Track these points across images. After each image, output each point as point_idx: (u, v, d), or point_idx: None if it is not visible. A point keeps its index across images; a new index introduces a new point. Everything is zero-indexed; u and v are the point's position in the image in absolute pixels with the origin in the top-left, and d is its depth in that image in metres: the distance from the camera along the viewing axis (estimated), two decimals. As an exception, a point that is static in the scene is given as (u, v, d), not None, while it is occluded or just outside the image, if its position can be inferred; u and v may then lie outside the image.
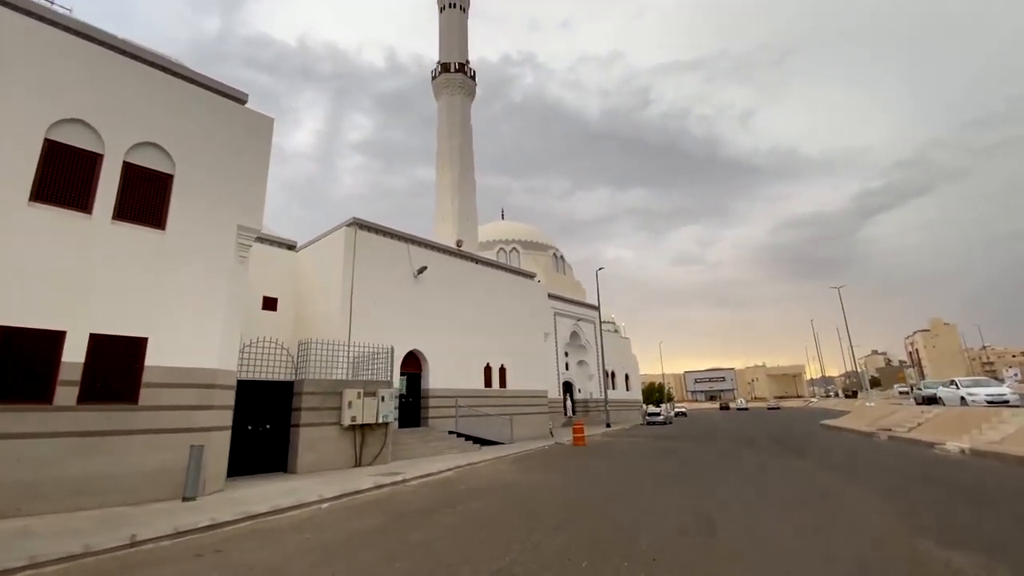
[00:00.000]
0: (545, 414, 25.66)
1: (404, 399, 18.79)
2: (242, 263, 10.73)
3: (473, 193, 37.07)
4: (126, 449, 8.55)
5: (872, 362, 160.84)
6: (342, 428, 13.27)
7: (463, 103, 37.68)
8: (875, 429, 20.38)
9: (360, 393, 13.64)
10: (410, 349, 19.13)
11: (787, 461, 13.39)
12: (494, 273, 24.46)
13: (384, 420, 14.04)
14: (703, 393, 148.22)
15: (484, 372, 22.29)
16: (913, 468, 11.46)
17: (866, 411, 28.08)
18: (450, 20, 39.75)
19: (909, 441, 16.56)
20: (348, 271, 17.50)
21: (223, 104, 11.04)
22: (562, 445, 20.30)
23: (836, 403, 69.03)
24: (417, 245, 20.57)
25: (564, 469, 13.06)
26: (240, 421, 11.88)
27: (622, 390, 52.72)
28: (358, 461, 13.43)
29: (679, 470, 12.25)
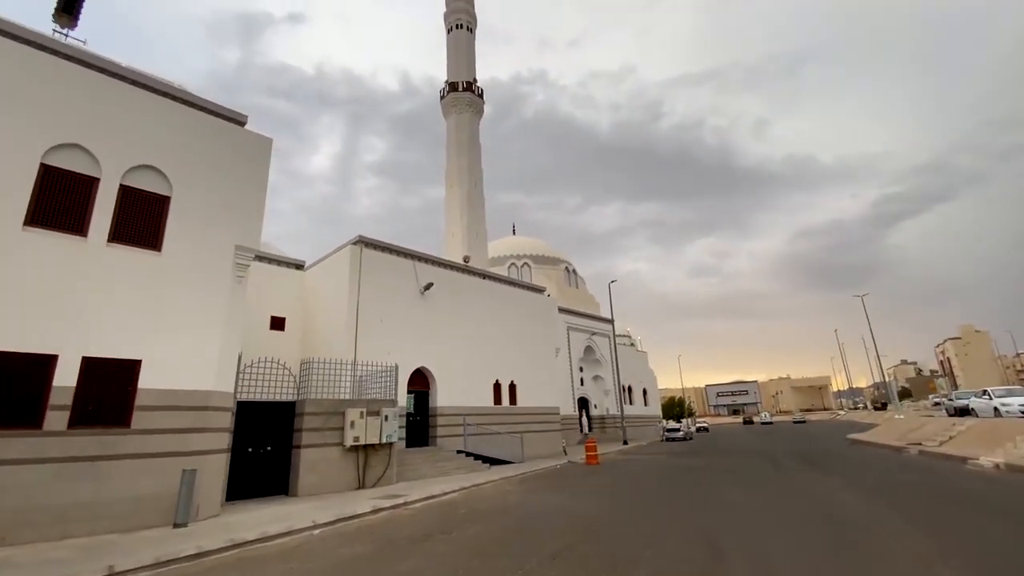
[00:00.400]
0: (558, 431, 25.08)
1: (411, 418, 18.51)
2: (240, 283, 10.67)
3: (482, 209, 37.09)
4: (117, 474, 8.41)
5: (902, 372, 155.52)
6: (344, 449, 13.01)
7: (471, 121, 37.96)
8: (904, 443, 19.35)
9: (363, 413, 13.40)
10: (417, 366, 18.90)
11: (809, 480, 12.67)
12: (502, 288, 24.21)
13: (388, 440, 13.76)
14: (726, 407, 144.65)
15: (493, 389, 21.90)
16: (944, 486, 10.70)
17: (895, 424, 26.83)
18: (457, 41, 40.33)
19: (940, 456, 15.61)
20: (353, 289, 17.43)
21: (222, 126, 11.12)
22: (574, 464, 19.71)
23: (865, 416, 66.55)
24: (423, 262, 20.47)
25: (572, 490, 12.56)
26: (241, 443, 11.74)
27: (640, 405, 51.63)
28: (361, 483, 13.12)
29: (692, 491, 11.66)
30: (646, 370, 56.97)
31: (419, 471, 15.42)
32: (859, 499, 9.40)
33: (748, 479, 13.39)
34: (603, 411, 43.26)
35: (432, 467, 16.00)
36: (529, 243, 48.01)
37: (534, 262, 45.17)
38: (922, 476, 12.31)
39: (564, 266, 46.84)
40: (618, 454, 25.49)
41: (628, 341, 59.57)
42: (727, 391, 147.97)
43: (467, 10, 41.59)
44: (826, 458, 18.32)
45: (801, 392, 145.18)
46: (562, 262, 47.11)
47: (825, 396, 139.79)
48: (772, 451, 23.02)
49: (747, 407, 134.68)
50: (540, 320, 25.90)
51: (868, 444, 23.08)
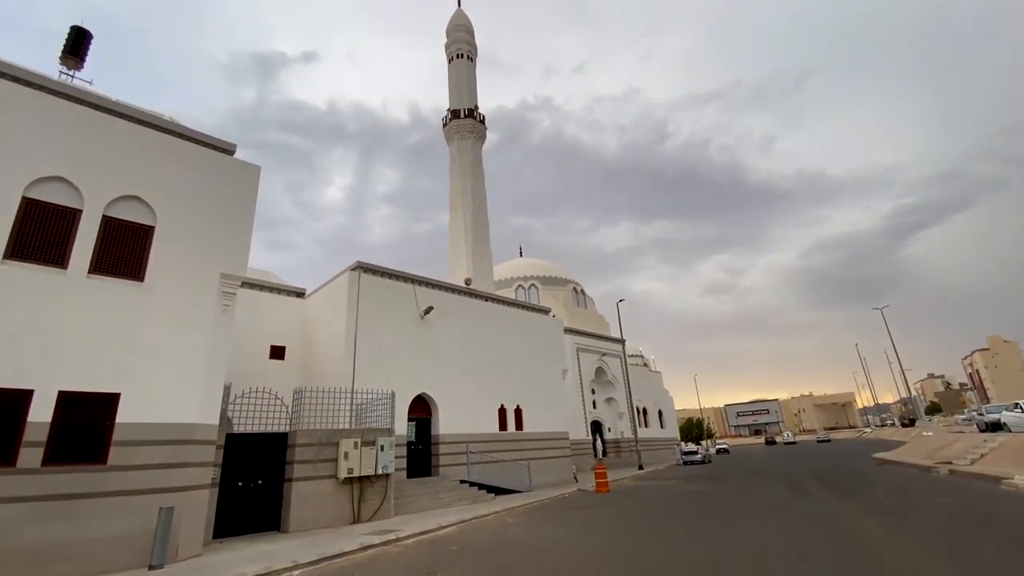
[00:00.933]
0: (567, 457, 24.27)
1: (413, 447, 18.01)
2: (226, 311, 10.47)
3: (486, 231, 37.06)
4: (93, 513, 8.08)
5: (929, 386, 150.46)
6: (338, 482, 12.55)
7: (474, 146, 38.30)
8: (934, 462, 18.26)
9: (357, 443, 12.98)
10: (418, 393, 18.47)
11: (830, 506, 11.86)
12: (506, 310, 23.84)
13: (384, 471, 13.28)
14: (747, 427, 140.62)
15: (499, 414, 21.32)
16: (976, 510, 9.89)
17: (924, 442, 25.52)
18: (459, 70, 41.07)
19: (972, 475, 14.62)
20: (351, 315, 17.21)
21: (209, 155, 11.13)
22: (584, 492, 18.93)
23: (892, 433, 63.99)
24: (423, 285, 20.25)
25: (575, 522, 11.90)
26: (230, 477, 11.37)
27: (656, 428, 50.24)
28: (356, 517, 12.61)
29: (701, 521, 10.96)
30: (661, 391, 55.63)
31: (419, 503, 14.85)
32: (883, 528, 8.67)
33: (763, 506, 12.60)
34: (617, 434, 42.08)
35: (433, 499, 15.42)
36: (536, 264, 47.78)
37: (541, 283, 44.83)
38: (952, 499, 11.45)
39: (572, 286, 46.40)
40: (632, 480, 24.54)
41: (641, 361, 58.43)
42: (747, 411, 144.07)
43: (467, 40, 42.47)
44: (850, 480, 17.33)
45: (824, 410, 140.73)
46: (570, 282, 46.71)
47: (850, 413, 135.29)
48: (793, 473, 21.95)
49: (769, 427, 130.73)
50: (546, 342, 25.40)
51: (895, 464, 21.89)
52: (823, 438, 75.52)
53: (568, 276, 47.60)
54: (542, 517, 12.86)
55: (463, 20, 43.25)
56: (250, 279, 19.57)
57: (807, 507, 11.71)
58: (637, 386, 47.77)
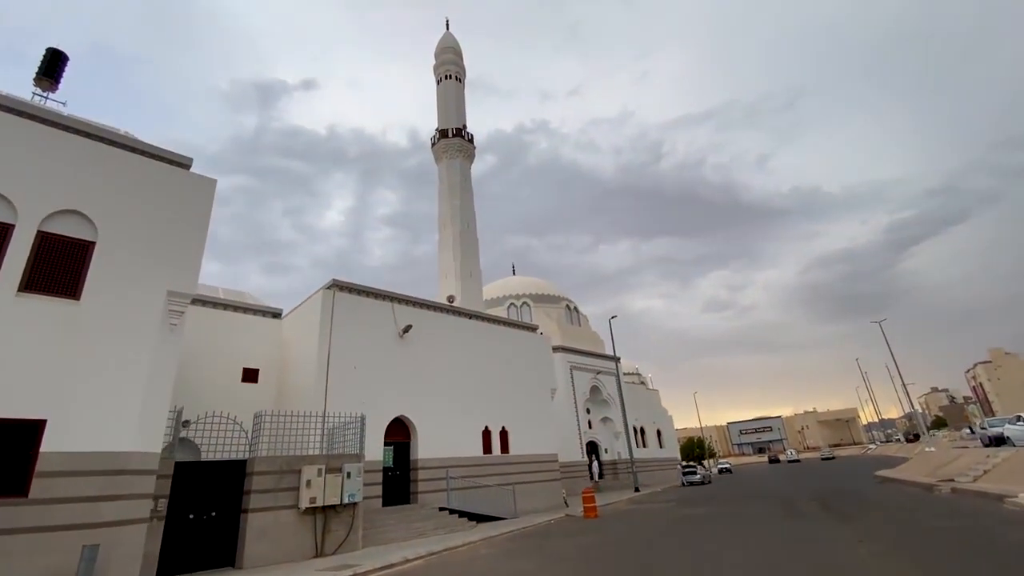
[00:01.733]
0: (557, 480, 23.34)
1: (390, 473, 17.19)
2: (174, 331, 9.88)
3: (475, 250, 36.67)
4: (12, 551, 7.36)
5: (934, 400, 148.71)
6: (300, 512, 11.77)
7: (462, 165, 38.20)
8: (935, 480, 17.43)
9: (321, 470, 12.24)
10: (396, 415, 17.72)
11: (823, 530, 11.10)
12: (491, 328, 23.21)
13: (351, 500, 12.51)
14: (750, 445, 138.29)
15: (483, 437, 20.50)
16: (978, 533, 9.14)
17: (927, 458, 24.63)
18: (447, 90, 41.28)
19: (974, 493, 13.83)
20: (325, 335, 16.59)
21: (161, 169, 10.68)
22: (572, 518, 18.03)
23: (897, 449, 62.66)
24: (403, 303, 19.68)
25: (552, 553, 11.10)
26: (181, 508, 10.61)
27: (654, 448, 49.08)
28: (319, 550, 11.79)
29: (685, 549, 10.20)
30: (659, 409, 54.53)
31: (391, 533, 14.00)
32: (876, 555, 7.94)
33: (754, 531, 11.81)
34: (615, 455, 40.96)
35: (407, 528, 14.56)
36: (528, 282, 47.27)
37: (534, 301, 44.24)
38: (952, 521, 10.68)
39: (565, 304, 45.80)
40: (626, 503, 23.57)
41: (638, 379, 57.46)
42: (751, 428, 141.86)
43: (455, 62, 42.81)
44: (847, 500, 16.49)
45: (828, 426, 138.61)
46: (563, 300, 46.12)
47: (854, 429, 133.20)
48: (791, 494, 21.05)
49: (772, 444, 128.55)
50: (533, 360, 24.69)
51: (896, 482, 20.99)
52: (827, 455, 73.89)
53: (561, 294, 47.04)
54: (519, 547, 12.05)
55: (451, 42, 43.69)
56: (222, 300, 19.04)
57: (800, 533, 10.93)
58: (634, 405, 46.78)
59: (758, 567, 7.83)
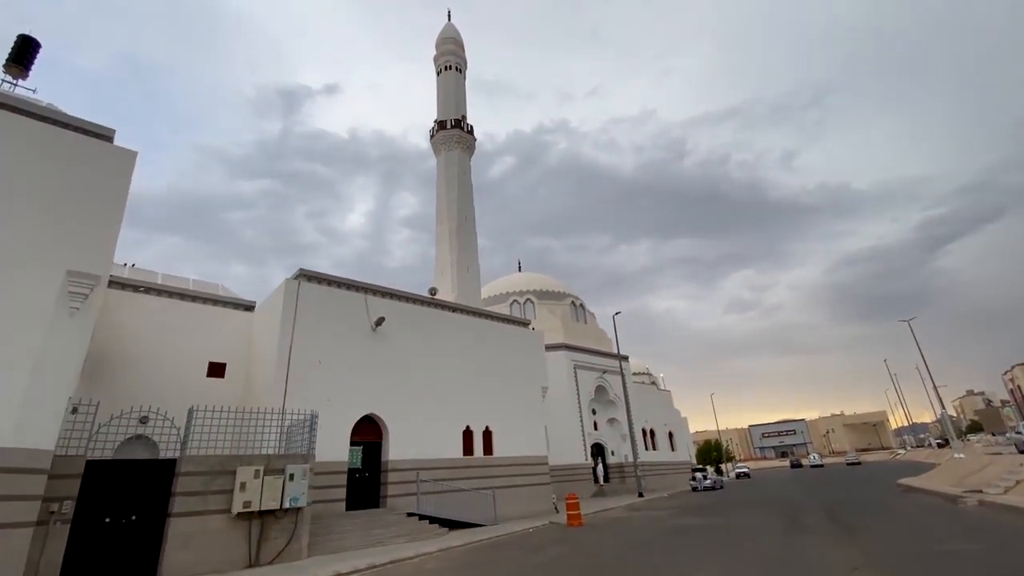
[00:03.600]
0: (547, 485, 21.95)
1: (358, 474, 16.10)
2: (75, 315, 8.91)
3: (474, 244, 35.50)
4: None
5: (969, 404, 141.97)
6: (232, 517, 10.72)
7: (461, 158, 37.10)
8: (962, 491, 15.51)
9: (259, 471, 11.17)
10: (365, 413, 16.63)
11: (822, 549, 9.55)
12: (478, 322, 21.98)
13: (293, 504, 11.41)
14: (773, 449, 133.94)
15: (463, 437, 19.26)
16: (999, 558, 7.52)
17: (954, 465, 22.47)
18: (447, 81, 40.27)
19: (1004, 508, 11.99)
20: (287, 328, 15.59)
21: (71, 140, 9.75)
22: (555, 526, 16.65)
23: (928, 455, 59.23)
24: (378, 295, 18.61)
25: (511, 569, 9.80)
26: (94, 512, 9.65)
27: (665, 450, 47.17)
28: (254, 560, 10.72)
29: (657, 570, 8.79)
30: (671, 411, 52.52)
31: (346, 541, 12.87)
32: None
33: (742, 548, 10.30)
34: (621, 458, 39.27)
35: (365, 536, 13.41)
36: (533, 279, 45.90)
37: (537, 298, 42.86)
38: (973, 542, 9.01)
39: (571, 300, 44.29)
40: (623, 510, 22.03)
41: (648, 379, 55.53)
42: (773, 431, 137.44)
43: (455, 52, 41.77)
44: (860, 512, 14.73)
45: (855, 430, 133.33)
46: (568, 296, 44.62)
47: (882, 433, 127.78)
48: (801, 503, 19.26)
49: (796, 448, 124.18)
50: (525, 357, 23.35)
51: (919, 491, 19.00)
52: (853, 460, 70.45)
53: (567, 290, 45.54)
54: (474, 561, 10.77)
55: (452, 33, 42.67)
56: (190, 291, 18.24)
57: (791, 552, 9.40)
58: (644, 406, 45.01)
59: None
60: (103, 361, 15.39)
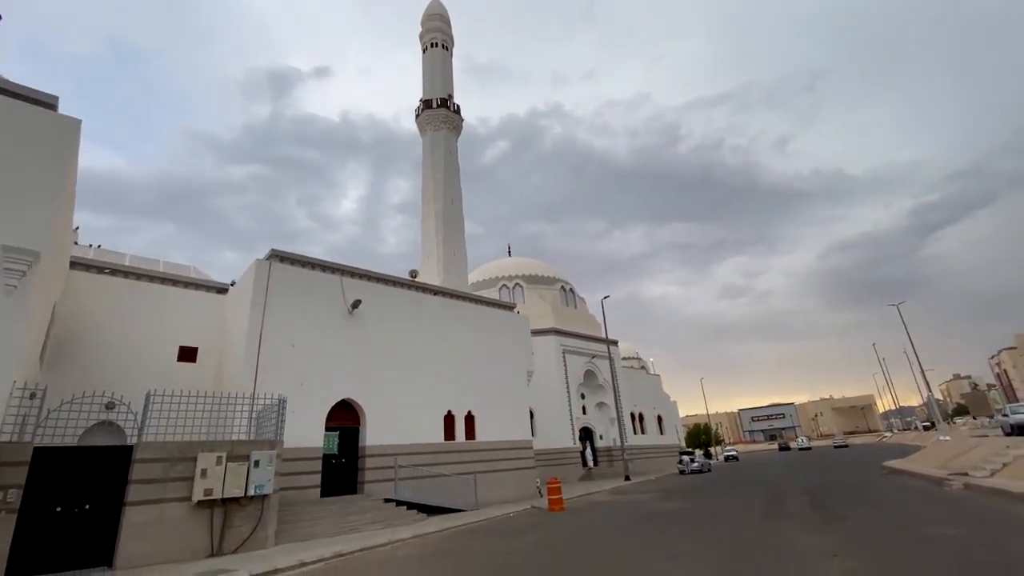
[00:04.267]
0: (531, 469, 21.72)
1: (335, 460, 15.71)
2: (11, 294, 8.32)
3: (460, 228, 34.86)
4: None
5: (956, 388, 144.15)
6: (193, 505, 10.29)
7: (447, 138, 36.22)
8: (947, 473, 15.37)
9: (221, 458, 10.72)
10: (342, 398, 16.18)
11: (801, 534, 9.28)
12: (461, 306, 21.51)
13: (258, 492, 10.99)
14: (762, 432, 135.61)
15: (444, 422, 18.91)
16: (985, 543, 7.24)
17: (940, 448, 22.45)
18: (432, 59, 39.17)
19: (989, 491, 11.80)
20: (257, 310, 15.03)
21: (6, 106, 9.04)
22: (537, 511, 16.40)
23: (914, 437, 59.93)
24: (355, 277, 18.05)
25: (481, 556, 9.47)
26: (45, 500, 9.18)
27: (654, 434, 47.30)
28: (216, 548, 10.31)
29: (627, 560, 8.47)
30: (661, 395, 52.61)
31: (317, 528, 12.50)
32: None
33: (720, 535, 10.02)
34: (610, 442, 39.32)
35: (339, 522, 13.06)
36: (522, 263, 45.35)
37: (527, 283, 42.38)
38: (958, 526, 8.75)
39: (560, 285, 43.86)
40: (607, 493, 21.89)
41: (638, 364, 55.52)
42: (762, 415, 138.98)
43: (442, 29, 40.59)
44: (844, 496, 14.56)
45: (843, 413, 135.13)
46: (558, 281, 44.18)
47: (870, 417, 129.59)
48: (786, 486, 19.14)
49: (784, 431, 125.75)
50: (510, 341, 22.95)
51: (904, 474, 18.93)
52: (840, 443, 71.38)
53: (556, 275, 45.07)
54: (450, 547, 10.44)
55: (438, 9, 41.42)
56: (159, 273, 17.60)
57: (772, 538, 9.11)
58: (633, 390, 44.99)
59: None
60: (68, 345, 14.82)
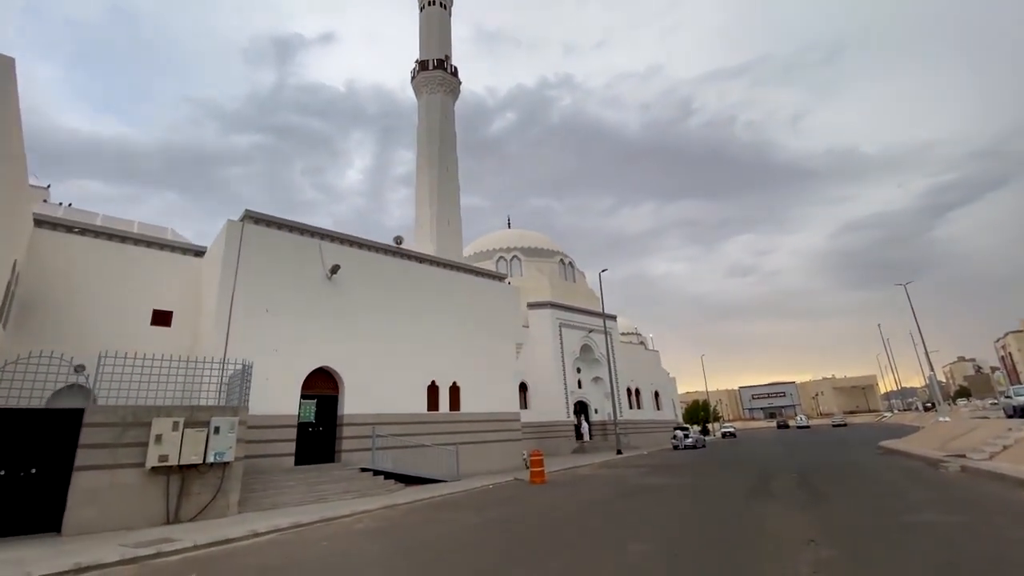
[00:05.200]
0: (518, 441, 21.40)
1: (311, 428, 15.34)
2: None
3: (455, 197, 33.91)
4: None
5: (959, 369, 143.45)
6: (147, 472, 9.88)
7: (444, 101, 34.90)
8: (944, 455, 14.80)
9: (178, 423, 10.25)
10: (320, 366, 15.71)
11: (782, 517, 8.76)
12: (447, 274, 20.83)
13: (218, 459, 10.57)
14: (762, 410, 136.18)
15: (428, 392, 18.48)
16: (979, 532, 6.65)
17: (938, 428, 21.88)
18: (430, 18, 37.47)
19: (988, 475, 11.20)
20: (229, 272, 14.44)
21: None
22: (519, 483, 16.07)
23: (914, 418, 59.63)
24: (336, 242, 17.38)
25: (441, 530, 9.04)
26: (-12, 465, 8.79)
27: (650, 409, 47.14)
28: (172, 516, 9.95)
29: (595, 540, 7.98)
30: (658, 370, 52.27)
31: (285, 497, 12.16)
32: (817, 572, 5.54)
33: (699, 511, 9.53)
34: (605, 416, 39.16)
35: (308, 491, 12.72)
36: (520, 235, 44.44)
37: (525, 255, 41.57)
38: (952, 512, 8.16)
39: (559, 258, 43.04)
40: (596, 467, 21.59)
41: (637, 339, 55.04)
42: (763, 393, 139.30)
43: (441, -15, 38.73)
44: (836, 477, 14.05)
45: (844, 393, 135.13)
46: (557, 254, 43.34)
47: (870, 397, 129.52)
48: (777, 464, 18.71)
49: (784, 410, 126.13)
50: (498, 311, 22.34)
51: (901, 454, 18.41)
52: (839, 422, 71.23)
53: (556, 248, 44.20)
54: (412, 521, 10.03)
55: (437, -36, 39.42)
56: (133, 234, 16.99)
57: (750, 519, 8.57)
58: (631, 365, 44.67)
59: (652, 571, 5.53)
60: (34, 307, 14.33)
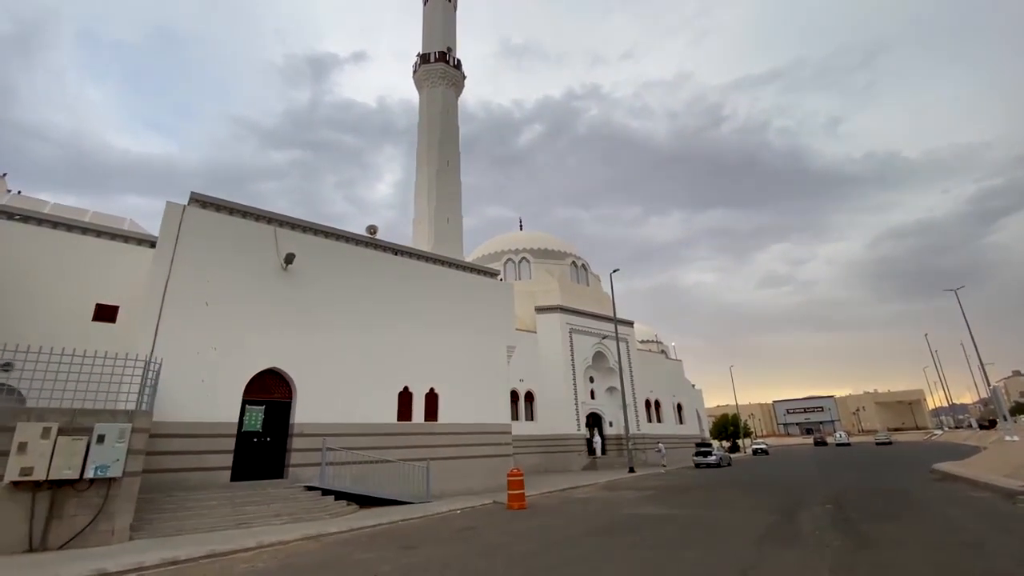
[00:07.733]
0: (508, 456, 19.04)
1: (256, 439, 13.46)
2: None
3: (456, 193, 32.13)
4: None
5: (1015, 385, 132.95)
6: (7, 487, 8.10)
7: (445, 94, 33.35)
8: (1019, 484, 11.81)
9: (50, 430, 8.46)
10: (268, 367, 13.87)
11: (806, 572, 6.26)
12: (428, 268, 18.82)
13: (101, 474, 8.71)
14: (797, 426, 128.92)
15: (399, 400, 16.39)
16: None
17: (1004, 449, 18.51)
18: (433, 10, 36.18)
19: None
20: (163, 259, 12.80)
21: None
22: (496, 507, 13.80)
23: (968, 436, 54.20)
24: (295, 229, 15.62)
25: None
26: None
27: (671, 423, 43.96)
28: (37, 543, 8.11)
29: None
30: (681, 381, 48.96)
31: (195, 521, 10.19)
32: None
33: (686, 560, 7.09)
34: (620, 429, 36.34)
35: (230, 514, 10.74)
36: (531, 237, 42.32)
37: (534, 257, 39.41)
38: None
39: (571, 260, 40.68)
40: (598, 488, 19.05)
41: (658, 347, 51.84)
42: (799, 407, 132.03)
43: (445, -22, 37.47)
44: (881, 508, 11.24)
45: (888, 408, 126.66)
46: (569, 256, 41.00)
47: (918, 413, 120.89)
48: (810, 489, 15.85)
49: (822, 425, 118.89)
50: (487, 311, 20.18)
51: (960, 480, 15.29)
52: (883, 440, 65.66)
53: (566, 249, 41.85)
54: (319, 562, 7.90)
55: (442, -43, 38.24)
56: (83, 223, 15.66)
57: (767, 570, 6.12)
58: (649, 375, 41.75)
59: None
60: (-38, 298, 13.02)
